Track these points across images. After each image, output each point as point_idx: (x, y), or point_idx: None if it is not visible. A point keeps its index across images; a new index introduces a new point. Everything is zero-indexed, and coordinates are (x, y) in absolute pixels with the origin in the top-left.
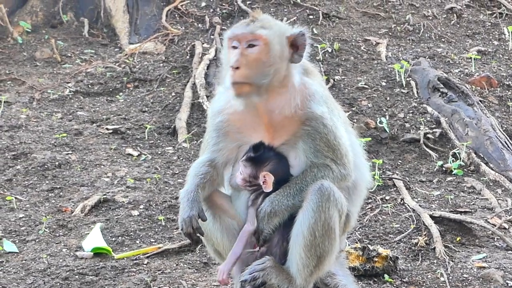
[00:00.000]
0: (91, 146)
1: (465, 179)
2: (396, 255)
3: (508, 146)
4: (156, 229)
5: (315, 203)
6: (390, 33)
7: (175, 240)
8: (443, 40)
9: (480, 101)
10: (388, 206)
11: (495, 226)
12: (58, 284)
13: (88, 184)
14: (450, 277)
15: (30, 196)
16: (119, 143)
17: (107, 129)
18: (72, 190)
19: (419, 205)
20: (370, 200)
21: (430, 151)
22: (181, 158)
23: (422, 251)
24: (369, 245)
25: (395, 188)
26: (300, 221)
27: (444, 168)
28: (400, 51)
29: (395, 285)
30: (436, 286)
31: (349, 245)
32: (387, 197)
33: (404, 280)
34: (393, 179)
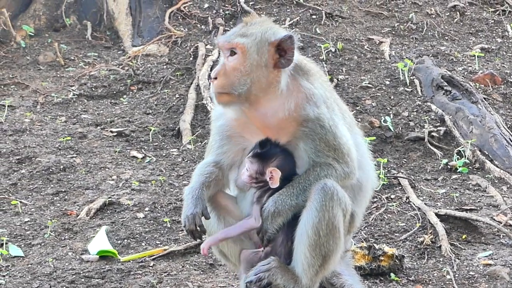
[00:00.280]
0: (96, 149)
1: (470, 177)
2: (402, 254)
3: None
4: (162, 231)
5: (319, 202)
6: (394, 32)
7: (181, 242)
8: (447, 38)
9: (484, 99)
10: (394, 205)
11: (501, 223)
12: None
13: (93, 187)
14: (456, 275)
15: (35, 200)
16: (124, 146)
17: (112, 132)
18: (77, 194)
19: (425, 204)
20: (376, 199)
21: (435, 149)
22: (186, 160)
23: (428, 249)
24: (375, 244)
25: (400, 187)
26: (304, 221)
27: (449, 166)
28: (404, 50)
29: (402, 284)
30: (443, 284)
31: (355, 244)
32: (392, 196)
33: (411, 279)
34: (398, 178)
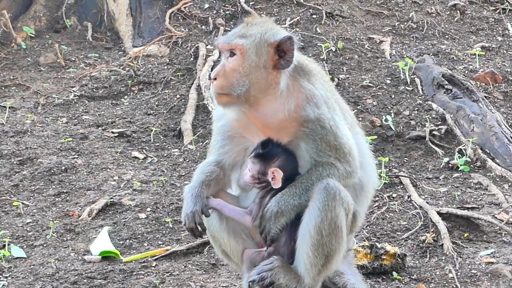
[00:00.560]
0: (97, 150)
1: (472, 175)
2: (404, 252)
3: None
4: (164, 231)
5: (321, 202)
6: (394, 31)
7: (183, 242)
8: (447, 37)
9: (485, 97)
10: (395, 204)
11: (503, 222)
12: None
13: (95, 188)
14: (459, 273)
15: (37, 201)
16: (125, 146)
17: (113, 133)
18: (79, 194)
19: (426, 202)
20: (377, 198)
21: (436, 148)
22: (187, 160)
23: (430, 248)
24: (377, 243)
25: (402, 186)
26: (307, 220)
27: (451, 165)
28: (404, 49)
29: (404, 282)
30: (445, 283)
31: (357, 244)
32: (394, 195)
33: (413, 277)
34: (400, 177)
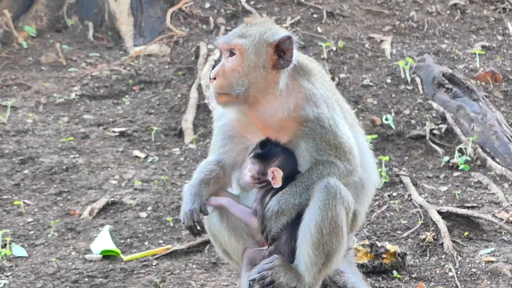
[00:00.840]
0: (98, 149)
1: (472, 174)
2: (404, 251)
3: None
4: (164, 230)
5: (322, 201)
6: (394, 30)
7: (184, 241)
8: (447, 36)
9: (485, 96)
10: (396, 203)
11: (503, 220)
12: (68, 287)
13: (96, 187)
14: (459, 272)
15: (38, 200)
16: (126, 146)
17: (114, 132)
18: (80, 193)
19: (426, 201)
20: (378, 197)
21: (436, 147)
22: (188, 159)
23: (430, 247)
24: (377, 242)
25: (402, 185)
26: (307, 219)
27: (451, 164)
28: (405, 48)
29: (404, 281)
30: (445, 281)
31: (357, 242)
32: (394, 194)
33: (413, 276)
34: (400, 176)
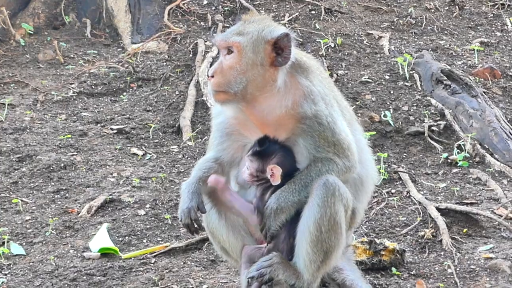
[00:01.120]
0: (96, 147)
1: (471, 171)
2: (403, 248)
3: None
4: (163, 228)
5: (321, 198)
6: (393, 27)
7: (182, 239)
8: (446, 32)
9: (484, 93)
10: (394, 199)
11: (501, 217)
12: (66, 285)
13: (94, 185)
14: (458, 269)
15: (36, 198)
16: (124, 143)
17: (112, 129)
18: (78, 191)
19: (425, 198)
20: (376, 194)
21: (435, 144)
22: (186, 157)
23: (429, 244)
24: (376, 239)
25: (401, 181)
26: (306, 217)
27: (449, 160)
28: (403, 44)
29: (403, 278)
30: (444, 278)
31: (356, 239)
32: (393, 191)
33: (412, 273)
34: (399, 172)
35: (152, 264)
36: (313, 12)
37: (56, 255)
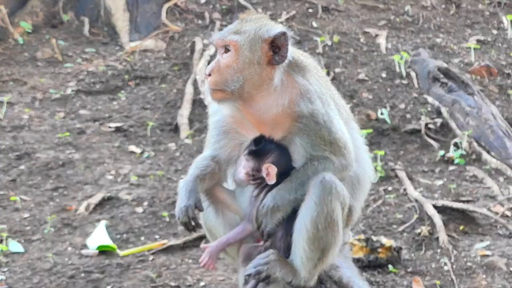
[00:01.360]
0: (94, 145)
1: (467, 168)
2: (400, 246)
3: (509, 134)
4: (161, 226)
5: (317, 196)
6: (389, 25)
7: (180, 236)
8: (442, 30)
9: (481, 90)
10: (391, 197)
11: (498, 214)
12: (64, 283)
13: (92, 182)
14: (454, 266)
15: (35, 196)
16: (122, 141)
17: (110, 127)
18: (76, 189)
19: (422, 195)
20: (373, 192)
21: (432, 141)
22: (184, 154)
23: (426, 241)
24: (373, 236)
25: (398, 179)
26: (303, 215)
27: (446, 158)
28: (400, 42)
29: (400, 275)
30: (440, 275)
31: (353, 237)
32: (390, 188)
33: (408, 270)
34: (395, 170)
35: (150, 262)
36: (310, 11)
37: (55, 253)
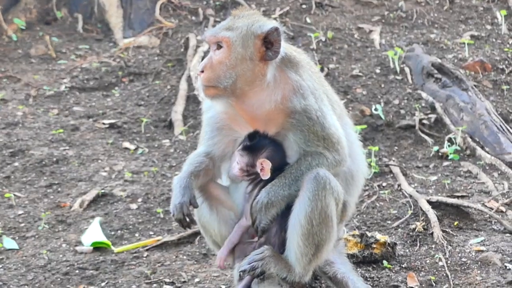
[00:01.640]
0: (88, 141)
1: (461, 164)
2: (394, 241)
3: (503, 130)
4: (155, 222)
5: (311, 192)
6: (383, 21)
7: (174, 233)
8: (436, 26)
9: (475, 86)
10: (385, 193)
11: (492, 210)
12: (59, 279)
13: (86, 179)
14: (449, 262)
15: (29, 193)
16: (116, 137)
17: (104, 124)
18: (70, 186)
19: (416, 191)
20: (367, 187)
21: (426, 137)
22: (178, 151)
23: (420, 236)
24: (367, 232)
25: (392, 175)
26: (297, 210)
27: (440, 153)
28: (394, 38)
29: (394, 271)
30: (435, 271)
31: (347, 233)
32: (384, 184)
33: (403, 266)
34: (390, 166)
35: (144, 258)
36: (304, 6)
37: (49, 249)
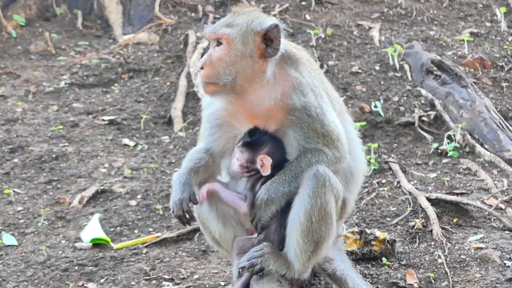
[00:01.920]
0: (88, 138)
1: (461, 161)
2: (394, 238)
3: (503, 127)
4: (154, 218)
5: (311, 189)
6: (383, 17)
7: (173, 229)
8: (436, 23)
9: (474, 83)
10: (385, 190)
11: (492, 207)
12: (58, 276)
13: (86, 176)
14: (448, 259)
15: (28, 189)
16: (115, 134)
17: (103, 120)
18: (70, 182)
19: (416, 188)
20: (367, 184)
21: (425, 134)
22: (177, 147)
23: (419, 234)
24: (367, 229)
25: (391, 172)
26: (297, 207)
27: (440, 150)
28: (393, 35)
29: (393, 268)
30: (434, 268)
31: (347, 230)
32: (383, 181)
33: (402, 263)
34: (389, 163)
35: (144, 254)
36: (304, 3)
37: (48, 246)
